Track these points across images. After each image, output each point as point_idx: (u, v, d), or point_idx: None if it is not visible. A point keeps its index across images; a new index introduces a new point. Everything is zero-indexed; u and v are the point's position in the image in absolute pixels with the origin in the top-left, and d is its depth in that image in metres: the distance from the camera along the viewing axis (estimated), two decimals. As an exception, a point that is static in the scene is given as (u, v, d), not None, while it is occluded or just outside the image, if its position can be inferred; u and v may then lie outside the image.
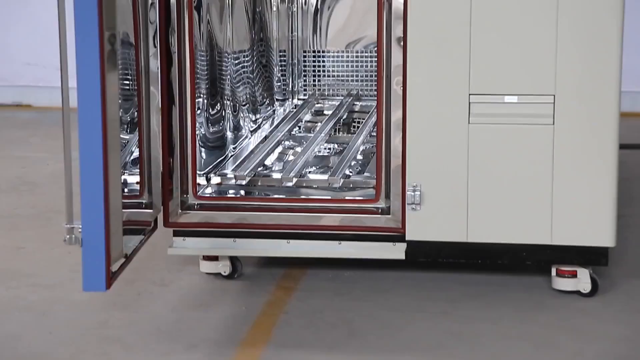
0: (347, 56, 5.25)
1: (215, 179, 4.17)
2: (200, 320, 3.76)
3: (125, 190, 3.63)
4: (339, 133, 5.05)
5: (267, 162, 4.52)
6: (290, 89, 5.31)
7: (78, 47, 3.18)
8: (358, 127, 5.04)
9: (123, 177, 3.55)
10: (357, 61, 5.25)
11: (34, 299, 3.99)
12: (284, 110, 5.23)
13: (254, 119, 4.84)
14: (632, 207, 4.90)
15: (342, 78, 5.28)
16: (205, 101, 4.25)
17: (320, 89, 5.31)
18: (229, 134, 4.53)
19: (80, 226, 3.22)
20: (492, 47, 3.69)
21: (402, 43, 3.76)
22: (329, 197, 4.03)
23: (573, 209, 3.73)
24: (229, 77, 4.55)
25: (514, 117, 3.71)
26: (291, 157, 4.61)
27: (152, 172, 3.82)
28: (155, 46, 3.81)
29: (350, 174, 4.29)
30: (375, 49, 3.93)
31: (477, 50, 3.69)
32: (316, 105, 5.26)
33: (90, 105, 3.20)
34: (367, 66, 5.23)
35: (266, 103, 5.07)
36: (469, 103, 3.73)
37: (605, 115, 3.66)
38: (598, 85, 3.64)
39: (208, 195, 4.09)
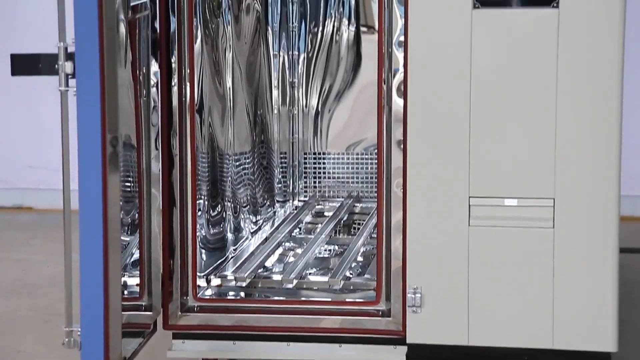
0: (348, 158, 5.28)
1: (216, 281, 4.16)
2: None
3: (125, 292, 3.62)
4: (339, 234, 5.05)
5: (268, 263, 4.51)
6: (290, 190, 5.33)
7: (80, 149, 3.21)
8: (358, 228, 5.04)
9: (123, 279, 3.54)
10: (357, 163, 5.27)
11: (31, 403, 3.95)
12: (285, 211, 5.24)
13: (254, 220, 4.85)
14: (634, 312, 4.87)
15: (343, 180, 5.30)
16: (206, 203, 4.26)
17: (320, 191, 5.33)
18: (230, 236, 4.53)
19: (80, 329, 3.20)
20: (492, 150, 3.71)
21: (402, 146, 3.78)
22: (330, 299, 4.01)
23: (574, 313, 3.71)
24: (229, 178, 4.57)
25: (514, 220, 3.71)
26: (291, 259, 4.61)
27: (152, 273, 3.81)
28: (157, 148, 3.84)
29: (351, 275, 4.28)
30: (376, 151, 3.96)
31: (476, 153, 3.71)
32: (317, 206, 5.26)
33: (91, 207, 3.21)
34: (367, 168, 5.25)
35: (267, 204, 5.08)
36: (469, 206, 3.74)
37: (605, 219, 3.66)
38: (598, 189, 3.66)
39: (208, 297, 4.07)
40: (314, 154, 5.32)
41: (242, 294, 4.14)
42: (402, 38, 3.74)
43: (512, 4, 3.63)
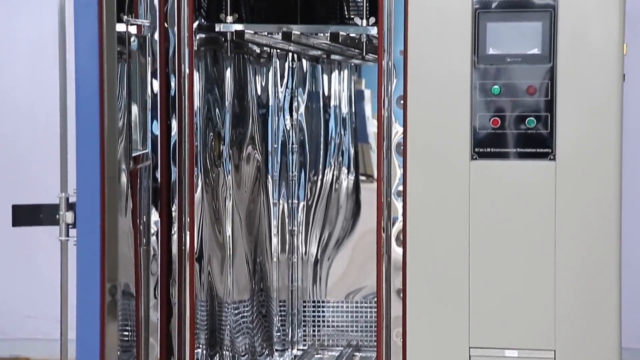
0: (347, 307, 5.26)
1: None
2: None
3: None
4: (338, 384, 5.00)
5: (266, 416, 4.46)
6: (289, 339, 5.29)
7: (79, 298, 3.21)
8: (358, 378, 5.00)
9: None
10: (356, 312, 5.25)
11: None
12: (284, 360, 5.20)
13: (253, 369, 4.81)
14: None
15: (342, 328, 5.27)
16: (204, 352, 4.23)
17: (319, 339, 5.29)
18: (228, 385, 4.49)
19: None
20: (491, 299, 3.70)
21: (401, 295, 3.78)
22: None
23: None
24: (228, 327, 4.54)
25: (515, 372, 3.70)
26: (290, 410, 4.55)
27: None
28: (155, 297, 3.83)
29: None
30: (375, 299, 3.95)
31: (476, 302, 3.70)
32: (316, 355, 5.22)
33: (88, 356, 3.19)
34: (366, 317, 5.23)
35: (265, 353, 5.04)
36: (469, 356, 3.71)
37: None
38: (598, 340, 3.63)
39: None
40: (313, 302, 5.30)
41: None
42: (400, 187, 3.78)
43: (509, 156, 3.67)
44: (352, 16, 4.74)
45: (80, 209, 3.19)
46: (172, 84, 3.88)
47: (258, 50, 4.69)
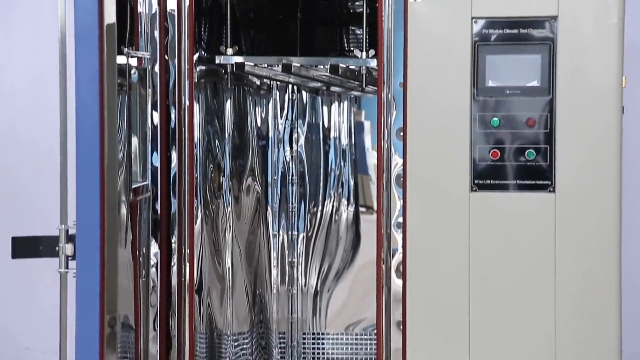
0: (347, 338, 5.25)
1: None
2: None
3: None
4: (338, 417, 4.98)
5: None
6: (289, 371, 5.28)
7: (78, 330, 3.20)
8: (358, 412, 4.98)
9: None
10: (356, 344, 5.24)
11: None
12: (283, 392, 5.18)
13: (252, 401, 4.80)
14: None
15: (342, 360, 5.25)
16: (204, 384, 4.22)
17: (319, 371, 5.28)
18: (227, 417, 4.47)
19: None
20: (492, 330, 3.70)
21: (401, 327, 3.77)
22: None
23: None
24: (228, 359, 4.53)
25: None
26: None
27: None
28: (155, 329, 3.82)
29: None
30: (375, 331, 3.94)
31: (476, 333, 3.70)
32: (315, 388, 5.21)
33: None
34: (366, 349, 5.21)
35: (265, 385, 5.03)
36: (470, 387, 3.71)
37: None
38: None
39: None
40: (313, 334, 5.29)
41: None
42: (400, 219, 3.78)
43: (509, 188, 3.68)
44: (351, 48, 4.76)
45: (80, 241, 3.19)
46: (172, 116, 3.89)
47: (258, 82, 4.70)
